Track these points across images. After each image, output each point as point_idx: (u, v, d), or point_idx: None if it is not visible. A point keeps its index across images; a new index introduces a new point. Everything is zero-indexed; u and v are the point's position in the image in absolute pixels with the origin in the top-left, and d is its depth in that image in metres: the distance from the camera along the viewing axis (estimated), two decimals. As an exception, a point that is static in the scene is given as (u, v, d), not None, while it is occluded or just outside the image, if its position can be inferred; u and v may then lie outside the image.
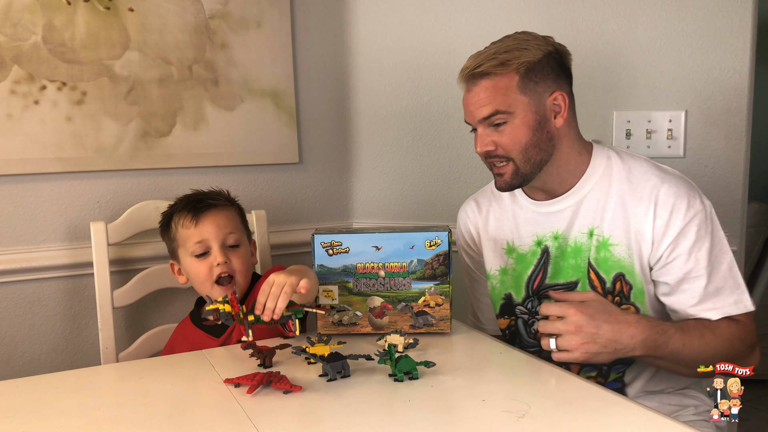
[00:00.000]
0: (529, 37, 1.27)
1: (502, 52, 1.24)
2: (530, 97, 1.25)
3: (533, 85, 1.25)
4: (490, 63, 1.24)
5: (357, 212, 1.92)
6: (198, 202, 1.39)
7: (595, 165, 1.30)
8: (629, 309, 1.26)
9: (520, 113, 1.24)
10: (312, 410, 1.00)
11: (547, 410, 0.99)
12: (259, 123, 1.73)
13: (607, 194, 1.28)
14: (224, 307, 1.05)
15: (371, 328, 1.33)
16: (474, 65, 1.25)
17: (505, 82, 1.24)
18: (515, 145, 1.25)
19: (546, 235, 1.34)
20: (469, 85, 1.28)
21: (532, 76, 1.24)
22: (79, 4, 1.52)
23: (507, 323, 1.41)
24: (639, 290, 1.26)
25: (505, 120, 1.24)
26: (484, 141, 1.27)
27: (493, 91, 1.24)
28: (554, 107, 1.26)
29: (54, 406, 1.06)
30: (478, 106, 1.26)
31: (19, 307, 1.55)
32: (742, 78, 1.62)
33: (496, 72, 1.24)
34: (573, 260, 1.31)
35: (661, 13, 1.63)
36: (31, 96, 1.50)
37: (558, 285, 1.33)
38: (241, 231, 1.42)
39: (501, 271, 1.40)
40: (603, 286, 1.28)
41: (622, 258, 1.26)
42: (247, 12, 1.69)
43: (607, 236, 1.27)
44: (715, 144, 1.65)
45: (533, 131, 1.25)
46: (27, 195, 1.54)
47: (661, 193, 1.23)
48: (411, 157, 1.86)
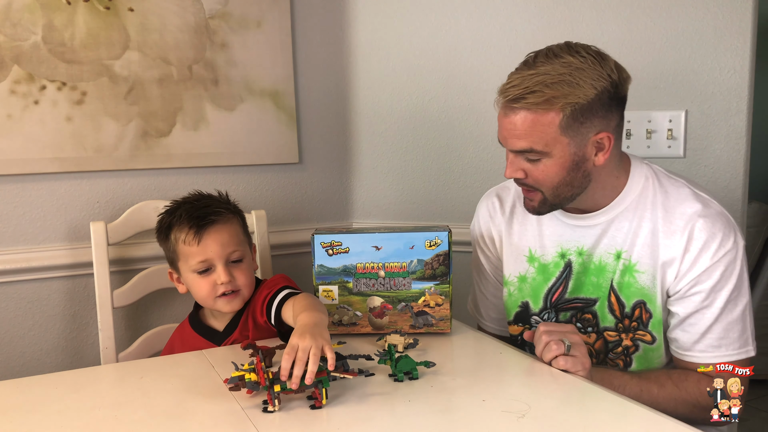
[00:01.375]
0: (586, 65, 1.13)
1: (549, 84, 1.12)
2: (572, 138, 1.15)
3: (577, 126, 1.15)
4: (534, 99, 1.13)
5: (357, 212, 1.92)
6: (200, 219, 1.31)
7: (632, 186, 1.24)
8: (645, 336, 1.25)
9: (558, 154, 1.16)
10: (311, 411, 1.00)
11: (547, 410, 0.99)
12: (259, 123, 1.73)
13: (640, 218, 1.23)
14: (250, 375, 1.00)
15: (371, 328, 1.33)
16: (515, 95, 1.14)
17: (547, 120, 1.14)
18: (546, 181, 1.19)
19: (571, 248, 1.30)
20: (507, 110, 1.17)
21: (578, 116, 1.14)
22: (79, 4, 1.52)
23: (520, 330, 1.38)
24: (658, 320, 1.24)
25: (539, 158, 1.17)
26: (514, 167, 1.20)
27: (532, 126, 1.14)
28: (598, 146, 1.18)
29: (54, 406, 1.06)
30: (512, 137, 1.17)
31: (19, 307, 1.55)
32: (742, 78, 1.62)
33: (538, 109, 1.13)
34: (595, 278, 1.28)
35: (661, 13, 1.63)
36: (31, 96, 1.50)
37: (578, 299, 1.30)
38: (243, 243, 1.37)
39: (520, 278, 1.36)
40: (621, 310, 1.26)
41: (645, 286, 1.23)
42: (247, 12, 1.69)
43: (634, 262, 1.23)
44: (715, 144, 1.65)
45: (568, 171, 1.18)
46: (27, 195, 1.54)
47: (696, 228, 1.18)
48: (411, 157, 1.86)
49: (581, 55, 1.15)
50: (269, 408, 0.99)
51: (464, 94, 1.80)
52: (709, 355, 1.19)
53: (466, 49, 1.77)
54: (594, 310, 1.29)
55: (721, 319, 1.18)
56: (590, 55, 1.15)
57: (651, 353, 1.27)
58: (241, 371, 1.01)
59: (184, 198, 1.40)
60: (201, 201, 1.38)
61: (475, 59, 1.76)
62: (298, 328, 1.08)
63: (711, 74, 1.63)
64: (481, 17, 1.74)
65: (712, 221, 1.18)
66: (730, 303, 1.18)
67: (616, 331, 1.27)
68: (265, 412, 0.99)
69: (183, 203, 1.38)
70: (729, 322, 1.19)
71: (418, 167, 1.86)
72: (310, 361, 1.00)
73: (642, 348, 1.27)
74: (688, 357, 1.21)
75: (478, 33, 1.75)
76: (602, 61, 1.16)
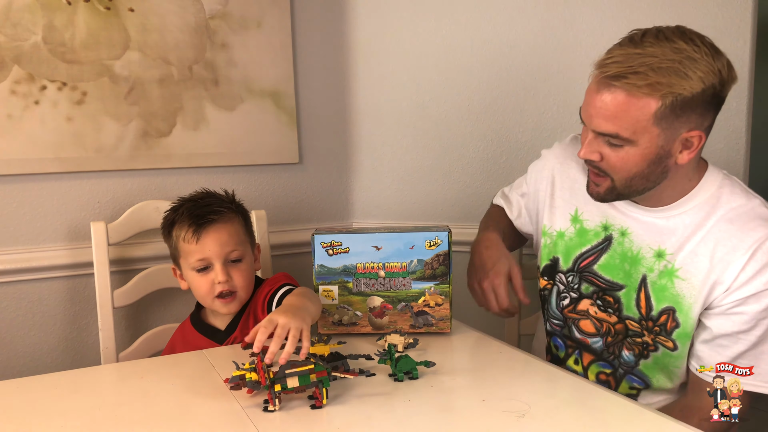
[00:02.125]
0: (700, 56, 1.05)
1: (656, 68, 1.04)
2: (663, 129, 1.08)
3: (673, 119, 1.07)
4: (636, 80, 1.04)
5: (357, 212, 1.92)
6: (200, 218, 1.32)
7: (701, 191, 1.18)
8: (667, 343, 1.21)
9: (644, 144, 1.09)
10: (312, 410, 1.00)
11: (547, 410, 0.99)
12: (259, 123, 1.73)
13: (700, 226, 1.16)
14: (251, 375, 1.00)
15: (371, 328, 1.33)
16: (616, 72, 1.06)
17: (644, 106, 1.06)
18: (622, 170, 1.13)
19: (615, 224, 1.25)
20: (601, 85, 1.08)
21: (676, 109, 1.06)
22: (80, 4, 1.52)
23: (544, 284, 1.37)
24: (685, 332, 1.19)
25: (621, 144, 1.10)
26: (591, 148, 1.14)
27: (625, 109, 1.06)
28: (686, 143, 1.11)
29: (54, 406, 1.06)
30: (600, 116, 1.09)
31: (19, 307, 1.55)
32: (742, 78, 1.61)
33: (639, 92, 1.05)
34: (628, 266, 1.24)
35: (661, 13, 1.63)
36: (32, 96, 1.50)
37: (604, 279, 1.27)
38: (244, 243, 1.37)
39: (559, 234, 1.33)
40: (648, 312, 1.22)
41: (681, 294, 1.17)
42: (247, 12, 1.69)
43: (677, 267, 1.18)
44: (714, 144, 1.65)
45: (648, 164, 1.11)
46: (27, 195, 1.54)
47: (760, 251, 1.11)
48: (411, 157, 1.86)
49: (695, 43, 1.05)
50: (270, 407, 1.00)
51: (464, 94, 1.80)
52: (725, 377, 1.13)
53: (466, 49, 1.77)
54: (618, 296, 1.26)
55: (757, 346, 1.13)
56: (705, 46, 1.06)
57: (669, 358, 1.23)
58: (242, 370, 1.01)
59: (190, 195, 1.41)
60: (204, 199, 1.38)
61: (475, 59, 1.76)
62: (281, 306, 1.10)
63: (711, 74, 1.63)
64: (481, 17, 1.74)
65: None
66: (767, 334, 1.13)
67: (638, 324, 1.24)
68: (266, 411, 0.99)
69: (187, 201, 1.39)
70: (762, 351, 1.13)
71: (418, 167, 1.86)
72: (289, 341, 1.02)
73: (661, 350, 1.23)
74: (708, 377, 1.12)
75: (478, 33, 1.75)
76: (716, 55, 1.06)
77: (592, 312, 1.30)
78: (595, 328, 1.30)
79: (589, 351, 1.32)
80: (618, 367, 1.29)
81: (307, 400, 1.03)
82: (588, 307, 1.30)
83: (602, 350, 1.31)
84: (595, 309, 1.29)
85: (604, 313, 1.28)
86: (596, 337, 1.30)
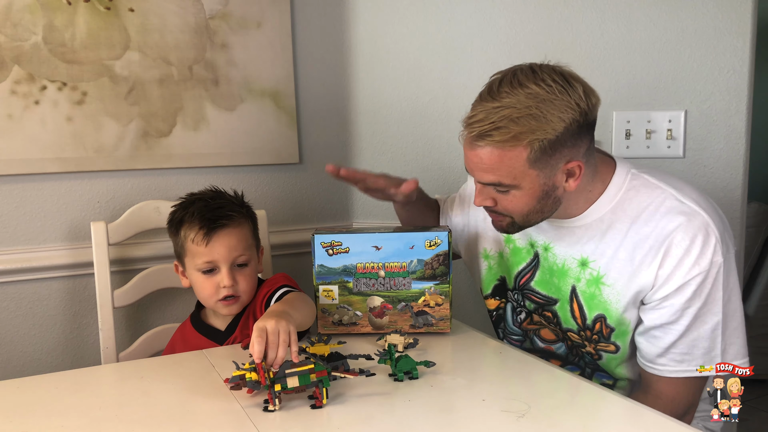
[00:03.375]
0: (553, 96, 1.07)
1: (515, 119, 1.07)
2: (541, 170, 1.11)
3: (546, 159, 1.10)
4: (500, 136, 1.08)
5: (357, 212, 1.92)
6: (211, 221, 1.31)
7: (607, 197, 1.20)
8: (608, 347, 1.26)
9: (527, 186, 1.13)
10: (312, 410, 1.00)
11: (547, 410, 0.99)
12: (259, 123, 1.73)
13: (614, 229, 1.19)
14: (251, 375, 1.00)
15: (371, 327, 1.33)
16: (480, 131, 1.09)
17: (515, 155, 1.09)
18: (516, 210, 1.17)
19: (538, 241, 1.30)
20: (472, 144, 1.13)
21: (546, 150, 1.09)
22: (80, 4, 1.52)
23: (496, 305, 1.41)
24: (622, 331, 1.23)
25: (507, 190, 1.14)
26: (483, 196, 1.19)
27: (499, 161, 1.10)
28: (568, 173, 1.14)
29: (54, 406, 1.06)
30: (479, 170, 1.14)
31: (19, 307, 1.55)
32: (742, 78, 1.62)
33: (506, 146, 1.09)
34: (557, 280, 1.28)
35: (661, 13, 1.63)
36: (32, 96, 1.50)
37: (540, 294, 1.32)
38: (251, 248, 1.37)
39: (499, 254, 1.39)
40: (583, 321, 1.26)
41: (609, 301, 1.21)
42: (247, 12, 1.69)
43: (602, 273, 1.21)
44: (714, 144, 1.65)
45: (538, 200, 1.15)
46: (27, 195, 1.54)
47: (673, 244, 1.14)
48: (411, 157, 1.86)
49: (547, 83, 1.08)
50: (270, 407, 1.00)
51: (464, 94, 1.79)
52: (671, 369, 1.18)
53: (466, 49, 1.77)
54: (554, 310, 1.30)
55: (686, 335, 1.17)
56: (557, 83, 1.08)
57: (614, 360, 1.28)
58: (242, 370, 1.01)
59: (200, 192, 1.40)
60: (215, 200, 1.37)
61: (475, 59, 1.76)
62: (265, 313, 1.11)
63: (710, 74, 1.63)
64: (481, 17, 1.75)
65: (693, 234, 1.13)
66: (697, 320, 1.16)
67: (578, 336, 1.28)
68: (266, 411, 0.99)
69: (198, 199, 1.37)
70: (694, 338, 1.17)
71: (418, 167, 1.86)
72: (280, 346, 1.03)
73: (605, 357, 1.28)
74: (650, 369, 1.21)
75: (478, 33, 1.75)
76: (570, 89, 1.08)
77: (545, 322, 1.34)
78: (554, 335, 1.34)
79: (555, 357, 1.36)
80: (584, 366, 1.32)
81: (307, 400, 1.03)
82: (540, 319, 1.34)
83: (567, 354, 1.34)
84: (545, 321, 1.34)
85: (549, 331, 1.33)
86: (558, 342, 1.34)
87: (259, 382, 1.00)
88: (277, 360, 1.03)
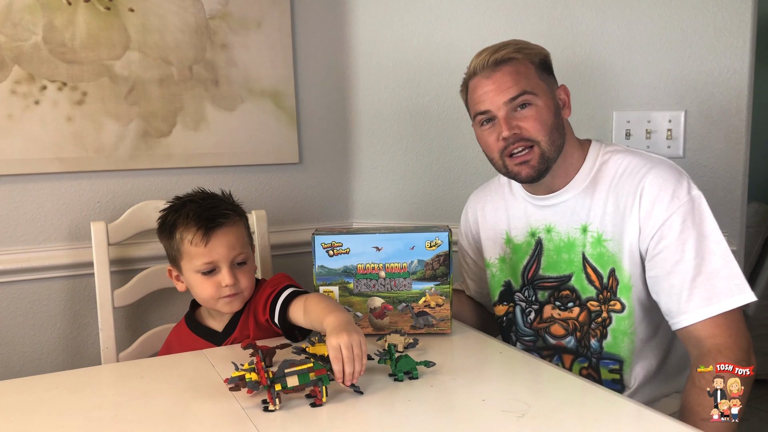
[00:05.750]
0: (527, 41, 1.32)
1: (514, 43, 1.29)
2: (547, 83, 1.29)
3: (546, 75, 1.30)
4: (509, 49, 1.27)
5: (357, 212, 1.92)
6: (209, 220, 1.30)
7: (590, 161, 1.32)
8: (615, 305, 1.28)
9: (543, 96, 1.27)
10: (312, 410, 1.00)
11: (547, 410, 0.99)
12: (259, 123, 1.73)
13: (599, 191, 1.30)
14: (251, 375, 1.00)
15: (372, 328, 1.33)
16: (492, 51, 1.27)
17: (526, 67, 1.27)
18: (542, 126, 1.26)
19: (539, 227, 1.37)
20: (488, 72, 1.28)
21: (544, 67, 1.30)
22: (80, 4, 1.52)
23: (505, 310, 1.44)
24: (625, 286, 1.26)
25: (530, 101, 1.26)
26: (510, 124, 1.26)
27: (517, 74, 1.26)
28: (560, 100, 1.32)
29: (54, 406, 1.06)
30: (503, 89, 1.26)
31: (19, 307, 1.55)
32: (742, 78, 1.62)
33: (517, 57, 1.27)
34: (566, 255, 1.33)
35: (661, 13, 1.63)
36: (32, 96, 1.50)
37: (552, 278, 1.35)
38: (247, 246, 1.37)
39: (500, 259, 1.44)
40: (600, 281, 1.30)
41: (614, 253, 1.27)
42: (247, 12, 1.69)
43: (601, 232, 1.29)
44: (714, 144, 1.65)
45: (554, 115, 1.28)
46: (27, 195, 1.54)
47: (646, 184, 1.23)
48: (411, 157, 1.86)
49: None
50: (270, 407, 1.00)
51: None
52: (704, 311, 1.16)
53: (466, 49, 1.77)
54: (571, 286, 1.33)
55: (701, 271, 1.17)
56: None
57: (623, 322, 1.28)
58: (242, 371, 1.01)
59: (188, 195, 1.39)
60: (208, 201, 1.36)
61: (475, 59, 1.76)
62: (332, 329, 1.08)
63: (710, 74, 1.63)
64: (481, 17, 1.75)
65: (663, 175, 1.23)
66: (703, 252, 1.18)
67: (598, 301, 1.30)
68: (266, 411, 0.99)
69: (189, 201, 1.36)
70: (710, 272, 1.17)
71: (418, 167, 1.86)
72: (356, 359, 1.03)
73: (614, 319, 1.29)
74: (685, 319, 1.18)
75: (478, 33, 1.75)
76: None
77: (556, 315, 1.36)
78: (564, 330, 1.36)
79: (566, 352, 1.37)
80: (590, 357, 1.33)
81: (307, 399, 1.03)
82: (551, 312, 1.37)
83: (576, 347, 1.35)
84: (558, 311, 1.36)
85: (566, 311, 1.34)
86: (568, 336, 1.36)
87: (259, 383, 1.00)
88: (355, 374, 1.03)
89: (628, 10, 1.65)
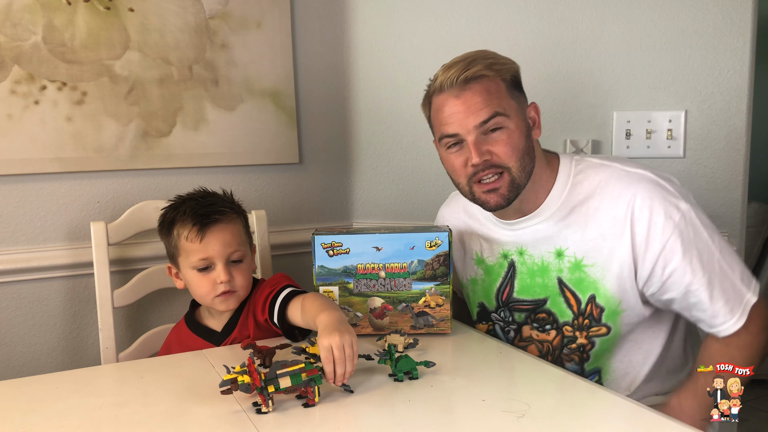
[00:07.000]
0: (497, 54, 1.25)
1: (483, 58, 1.21)
2: (518, 102, 1.23)
3: (517, 93, 1.23)
4: (479, 66, 1.19)
5: (357, 212, 1.92)
6: (204, 216, 1.31)
7: (561, 182, 1.27)
8: (600, 330, 1.26)
9: (514, 117, 1.20)
10: (312, 410, 1.00)
11: (547, 410, 0.99)
12: (259, 123, 1.73)
13: (576, 214, 1.24)
14: (243, 378, 0.99)
15: (372, 329, 1.33)
16: (462, 68, 1.19)
17: (497, 85, 1.20)
18: (513, 151, 1.20)
19: (511, 249, 1.33)
20: (457, 91, 1.20)
21: (515, 84, 1.23)
22: (79, 4, 1.52)
23: (485, 328, 1.42)
24: (613, 311, 1.25)
25: (501, 124, 1.19)
26: (480, 149, 1.19)
27: (488, 94, 1.19)
28: (531, 119, 1.25)
29: (54, 406, 1.06)
30: (473, 111, 1.19)
31: (19, 307, 1.55)
32: (742, 78, 1.62)
33: (488, 74, 1.19)
34: (540, 279, 1.30)
35: (661, 13, 1.63)
36: (32, 96, 1.50)
37: (526, 301, 1.33)
38: (245, 244, 1.37)
39: (472, 281, 1.41)
40: (578, 306, 1.27)
41: (597, 278, 1.24)
42: (247, 12, 1.69)
43: (580, 257, 1.24)
44: (715, 144, 1.65)
45: (525, 138, 1.22)
46: (27, 195, 1.54)
47: (635, 210, 1.19)
48: (411, 157, 1.86)
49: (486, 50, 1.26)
50: (263, 409, 0.99)
51: (464, 94, 1.79)
52: (731, 323, 1.19)
53: (466, 49, 1.77)
54: (547, 309, 1.31)
55: (713, 286, 1.18)
56: None
57: (608, 343, 1.28)
58: (234, 374, 1.00)
59: (188, 194, 1.40)
60: (206, 198, 1.38)
61: (475, 59, 1.76)
62: (323, 328, 1.08)
63: (711, 74, 1.63)
64: (481, 17, 1.74)
65: (649, 194, 1.19)
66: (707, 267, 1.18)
67: (572, 327, 1.29)
68: (259, 413, 0.99)
69: (188, 199, 1.38)
70: (722, 281, 1.19)
71: (418, 167, 1.86)
72: (347, 360, 1.03)
73: (598, 342, 1.28)
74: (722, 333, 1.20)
75: (478, 33, 1.75)
76: None
77: (534, 336, 1.34)
78: (539, 351, 1.34)
79: None
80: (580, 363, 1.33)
81: (299, 400, 1.03)
82: (530, 333, 1.35)
83: None
84: (536, 332, 1.34)
85: (543, 333, 1.32)
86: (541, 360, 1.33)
87: (251, 385, 1.00)
88: (346, 375, 1.03)
89: (628, 10, 1.65)
